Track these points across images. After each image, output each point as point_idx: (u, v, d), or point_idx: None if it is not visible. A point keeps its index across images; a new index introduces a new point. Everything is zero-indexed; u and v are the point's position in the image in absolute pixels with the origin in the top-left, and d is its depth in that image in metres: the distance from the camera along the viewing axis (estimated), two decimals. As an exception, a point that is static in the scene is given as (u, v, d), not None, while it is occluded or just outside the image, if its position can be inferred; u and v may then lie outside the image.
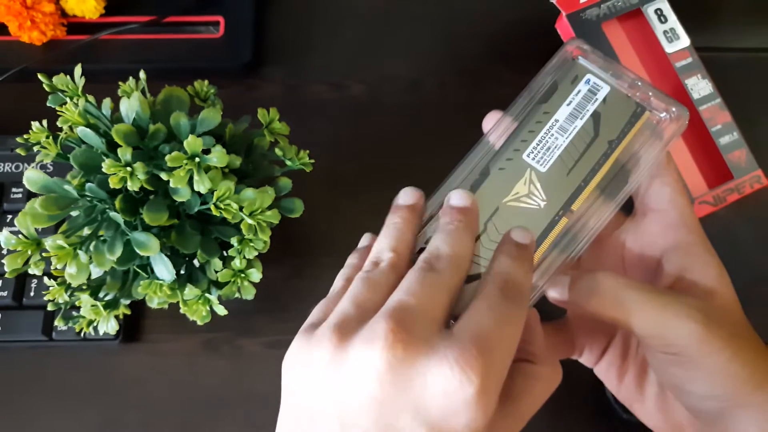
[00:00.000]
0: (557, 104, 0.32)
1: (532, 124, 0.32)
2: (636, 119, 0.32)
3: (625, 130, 0.31)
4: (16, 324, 0.41)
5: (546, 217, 0.30)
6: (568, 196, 0.31)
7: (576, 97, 0.32)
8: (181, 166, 0.31)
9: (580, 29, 0.44)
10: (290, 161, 0.37)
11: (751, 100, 0.48)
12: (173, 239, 0.32)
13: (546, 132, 0.31)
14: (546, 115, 0.32)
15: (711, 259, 0.30)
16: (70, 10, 0.48)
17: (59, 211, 0.32)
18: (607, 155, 0.31)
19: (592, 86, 0.32)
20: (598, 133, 0.31)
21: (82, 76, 0.34)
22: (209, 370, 0.42)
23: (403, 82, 0.50)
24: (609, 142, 0.31)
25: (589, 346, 0.35)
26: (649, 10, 0.45)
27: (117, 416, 0.41)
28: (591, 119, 0.31)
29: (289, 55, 0.50)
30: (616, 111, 0.32)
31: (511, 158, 0.31)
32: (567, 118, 0.31)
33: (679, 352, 0.28)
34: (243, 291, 0.34)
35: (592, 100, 0.32)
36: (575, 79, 0.32)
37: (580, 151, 0.31)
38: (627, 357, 0.34)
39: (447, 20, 0.52)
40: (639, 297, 0.28)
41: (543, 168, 0.31)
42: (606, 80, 0.32)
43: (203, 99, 0.37)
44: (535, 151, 0.31)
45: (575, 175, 0.31)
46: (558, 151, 0.31)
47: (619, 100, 0.32)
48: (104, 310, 0.33)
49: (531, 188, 0.31)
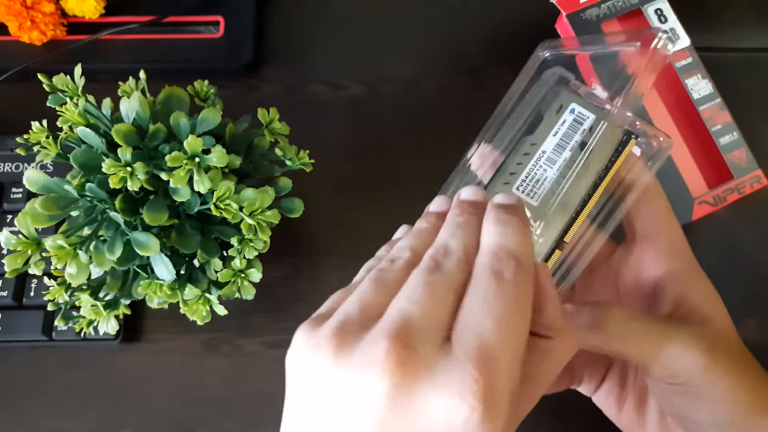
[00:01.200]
0: (543, 135, 0.31)
1: (519, 156, 0.31)
2: (623, 147, 0.31)
3: (613, 158, 0.31)
4: (16, 324, 0.41)
5: (540, 251, 0.30)
6: (561, 228, 0.31)
7: (562, 127, 0.31)
8: (181, 166, 0.31)
9: (580, 29, 0.44)
10: (290, 161, 0.37)
11: (751, 100, 0.48)
12: (173, 239, 0.32)
13: (534, 164, 0.31)
14: (533, 147, 0.31)
15: (705, 286, 0.30)
16: (70, 10, 0.48)
17: (59, 211, 0.32)
18: (596, 184, 0.31)
19: (578, 116, 0.32)
20: (587, 163, 0.31)
21: (82, 76, 0.34)
22: (209, 369, 0.42)
23: (403, 82, 0.50)
24: (597, 171, 0.31)
25: (588, 375, 0.35)
26: (649, 10, 0.45)
27: (117, 416, 0.41)
28: (579, 149, 0.31)
29: (289, 55, 0.50)
30: (603, 139, 0.31)
31: None
32: (554, 149, 0.31)
33: (685, 382, 0.28)
34: (243, 291, 0.34)
35: (578, 130, 0.31)
36: (560, 108, 0.32)
37: (569, 181, 0.31)
38: (626, 385, 0.34)
39: (447, 20, 0.52)
40: (643, 329, 0.28)
41: (534, 201, 0.31)
42: (590, 109, 0.32)
43: (203, 99, 0.37)
44: (525, 183, 0.31)
45: (567, 206, 0.31)
46: (548, 183, 0.31)
47: (605, 129, 0.31)
48: (104, 310, 0.33)
49: None
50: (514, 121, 0.32)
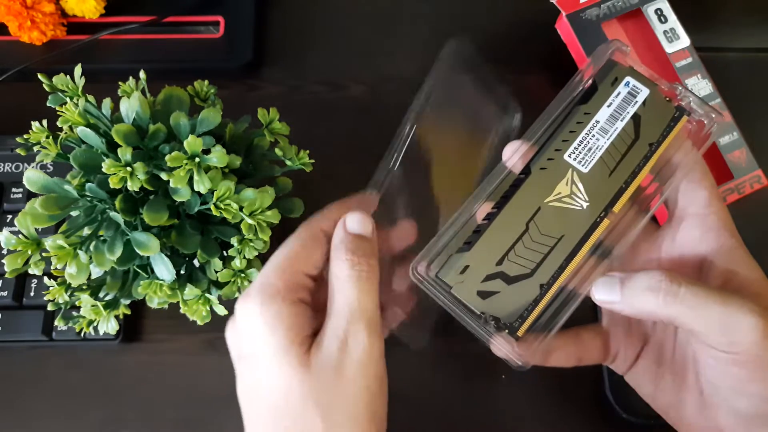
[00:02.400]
0: (597, 105, 0.32)
1: (572, 124, 0.32)
2: (675, 123, 0.32)
3: (665, 133, 0.31)
4: (16, 324, 0.41)
5: (589, 218, 0.31)
6: (610, 197, 0.31)
7: (616, 99, 0.32)
8: (181, 166, 0.31)
9: (580, 29, 0.44)
10: (290, 161, 0.37)
11: (751, 100, 0.48)
12: (173, 239, 0.32)
13: (587, 133, 0.31)
14: (586, 116, 0.32)
15: (753, 263, 0.31)
16: (70, 10, 0.48)
17: (59, 211, 0.32)
18: (647, 158, 0.31)
19: (632, 89, 0.32)
20: (639, 136, 0.31)
21: (82, 76, 0.34)
22: (209, 369, 0.42)
23: (403, 82, 0.50)
24: (649, 144, 0.31)
25: (623, 352, 0.35)
26: (649, 10, 0.45)
27: (117, 416, 0.41)
28: (631, 121, 0.31)
29: (289, 55, 0.50)
30: (655, 114, 0.32)
31: (552, 158, 0.31)
32: (608, 119, 0.31)
33: (742, 351, 0.28)
34: (243, 291, 0.34)
35: (632, 103, 0.32)
36: (615, 81, 0.32)
37: (621, 152, 0.31)
38: (662, 363, 0.34)
39: (447, 20, 0.52)
40: (700, 294, 0.28)
41: (585, 168, 0.31)
42: (645, 83, 0.32)
43: (203, 99, 0.37)
44: (577, 151, 0.31)
45: (617, 177, 0.31)
46: (599, 152, 0.31)
47: (658, 104, 0.32)
48: (104, 310, 0.33)
49: (573, 189, 0.31)
50: (568, 89, 0.33)
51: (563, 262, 0.30)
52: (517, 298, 0.30)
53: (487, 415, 0.42)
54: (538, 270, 0.30)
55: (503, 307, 0.30)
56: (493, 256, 0.30)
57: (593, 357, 0.35)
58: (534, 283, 0.30)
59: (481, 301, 0.30)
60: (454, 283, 0.30)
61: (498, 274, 0.30)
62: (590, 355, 0.35)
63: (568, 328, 0.35)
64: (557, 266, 0.30)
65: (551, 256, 0.30)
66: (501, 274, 0.30)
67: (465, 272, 0.30)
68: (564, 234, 0.31)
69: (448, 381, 0.42)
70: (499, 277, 0.30)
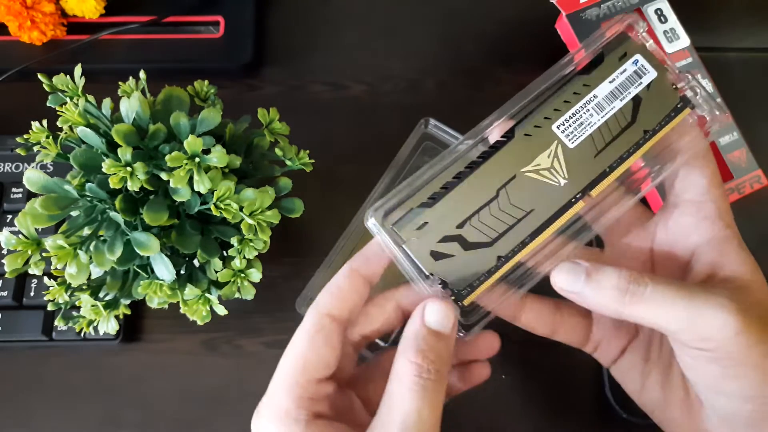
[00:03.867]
0: (599, 79, 0.30)
1: (568, 94, 0.30)
2: (676, 113, 0.30)
3: (663, 122, 0.30)
4: (16, 324, 0.41)
5: (564, 197, 0.29)
6: (590, 179, 0.29)
7: (620, 75, 0.30)
8: (181, 166, 0.31)
9: (580, 29, 0.44)
10: (290, 161, 0.37)
11: (751, 100, 0.48)
12: (173, 239, 0.32)
13: (582, 106, 0.29)
14: (585, 88, 0.30)
15: (746, 255, 0.29)
16: (70, 10, 0.48)
17: (59, 211, 0.32)
18: (639, 145, 0.29)
19: (639, 68, 0.30)
20: (635, 120, 0.29)
21: (82, 76, 0.34)
22: (209, 369, 0.42)
23: (403, 82, 0.50)
24: (644, 131, 0.29)
25: (607, 343, 0.34)
26: (649, 10, 0.45)
27: (117, 416, 0.41)
28: (631, 103, 0.29)
29: (289, 55, 0.50)
30: (658, 100, 0.30)
31: (539, 126, 0.29)
32: (607, 96, 0.29)
33: (715, 348, 0.27)
34: (243, 291, 0.34)
35: (636, 83, 0.30)
36: (624, 56, 0.30)
37: (612, 134, 0.29)
38: (649, 359, 0.33)
39: (447, 20, 0.52)
40: (667, 293, 0.27)
41: (571, 144, 0.29)
42: (655, 65, 0.30)
43: (203, 99, 0.37)
44: (567, 123, 0.29)
45: (603, 159, 0.29)
46: (590, 129, 0.29)
47: (663, 90, 0.30)
48: (104, 310, 0.33)
49: (554, 162, 0.29)
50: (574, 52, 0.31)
51: (527, 237, 0.29)
52: (470, 266, 0.28)
53: (487, 415, 0.42)
54: (498, 241, 0.29)
55: (455, 272, 0.28)
56: (455, 218, 0.29)
57: (570, 336, 0.34)
58: (492, 253, 0.28)
59: (433, 261, 0.28)
60: (408, 238, 0.28)
61: (456, 237, 0.28)
62: (566, 332, 0.34)
63: (548, 297, 0.34)
64: (519, 241, 0.29)
65: (515, 229, 0.29)
66: (459, 238, 0.28)
67: (422, 229, 0.29)
68: (534, 209, 0.29)
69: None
70: (456, 241, 0.28)
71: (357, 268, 0.29)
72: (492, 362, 0.34)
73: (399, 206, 0.29)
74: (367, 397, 0.31)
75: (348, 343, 0.31)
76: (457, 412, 0.42)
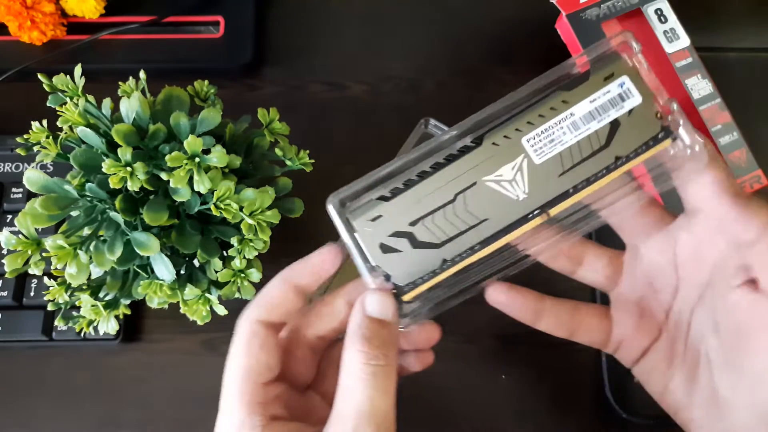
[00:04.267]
0: (579, 97, 0.29)
1: (544, 108, 0.29)
2: (654, 143, 0.29)
3: (639, 150, 0.29)
4: (16, 324, 0.41)
5: (519, 211, 0.29)
6: (549, 198, 0.29)
7: (602, 96, 0.29)
8: (181, 166, 0.31)
9: (580, 29, 0.44)
10: (290, 161, 0.37)
11: (751, 100, 0.48)
12: (173, 239, 0.32)
13: (556, 123, 0.29)
14: (563, 105, 0.29)
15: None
16: (70, 10, 0.48)
17: (59, 211, 0.32)
18: (609, 169, 0.29)
19: (625, 91, 0.29)
20: (609, 144, 0.28)
21: (82, 76, 0.34)
22: (209, 369, 0.42)
23: (403, 82, 0.50)
24: (616, 157, 0.28)
25: (628, 342, 0.34)
26: (649, 10, 0.45)
27: (116, 416, 0.41)
28: (608, 126, 0.28)
29: (289, 55, 0.50)
30: (637, 128, 0.29)
31: (509, 137, 0.29)
32: (584, 116, 0.29)
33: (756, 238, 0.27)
34: (243, 291, 0.34)
35: (617, 106, 0.29)
36: (610, 76, 0.29)
37: (582, 155, 0.29)
38: (674, 360, 0.32)
39: (447, 20, 0.52)
40: None
41: (538, 159, 0.28)
42: (642, 90, 0.29)
43: (203, 99, 0.37)
44: (537, 138, 0.29)
45: (566, 179, 0.29)
46: (560, 147, 0.28)
47: (644, 117, 0.29)
48: (104, 310, 0.33)
49: (517, 176, 0.29)
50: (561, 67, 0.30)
51: (477, 245, 0.29)
52: (416, 264, 0.29)
53: (487, 415, 0.42)
54: (447, 244, 0.29)
55: (400, 267, 0.29)
56: (410, 215, 0.29)
57: (589, 337, 0.34)
58: (438, 255, 0.29)
59: (381, 254, 0.29)
60: (360, 228, 0.29)
61: (407, 234, 0.29)
62: (586, 332, 0.34)
63: (567, 299, 0.34)
64: (468, 247, 0.29)
65: (466, 236, 0.29)
66: (409, 235, 0.29)
67: (375, 221, 0.29)
68: (488, 218, 0.29)
69: (447, 381, 0.42)
70: (406, 237, 0.29)
71: (287, 277, 0.30)
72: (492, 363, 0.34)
73: (360, 196, 0.29)
74: (326, 392, 0.32)
75: (305, 345, 0.32)
76: (456, 412, 0.42)
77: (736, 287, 0.29)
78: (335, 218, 0.29)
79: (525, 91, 0.29)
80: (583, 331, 0.34)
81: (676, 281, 0.32)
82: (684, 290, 0.32)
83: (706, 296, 0.31)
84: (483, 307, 0.32)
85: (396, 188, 0.29)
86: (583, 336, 0.34)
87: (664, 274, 0.32)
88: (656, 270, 0.33)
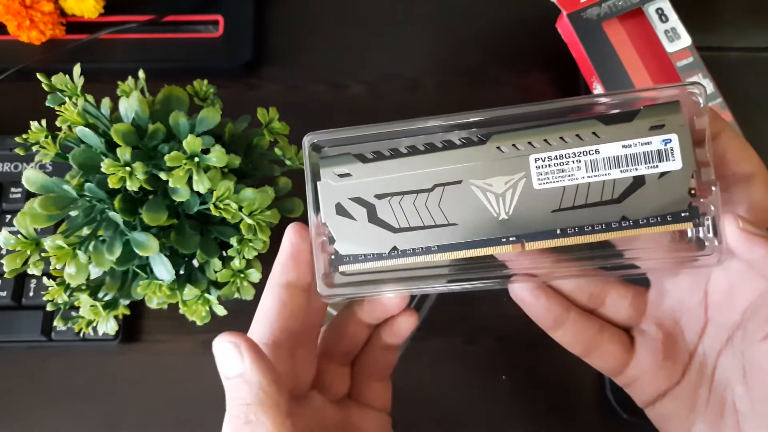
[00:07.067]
0: (614, 136, 0.25)
1: (569, 132, 0.25)
2: (675, 221, 0.25)
3: (652, 221, 0.25)
4: (15, 324, 0.41)
5: (492, 231, 0.26)
6: (532, 230, 0.26)
7: (640, 147, 0.25)
8: (181, 165, 0.31)
9: (580, 28, 0.44)
10: (290, 161, 0.37)
11: (751, 99, 0.48)
12: (172, 239, 0.32)
13: (574, 154, 0.25)
14: (592, 137, 0.25)
15: None
16: (69, 9, 0.48)
17: (58, 211, 0.32)
18: (608, 228, 0.25)
19: (666, 149, 0.25)
20: (622, 200, 0.25)
21: (81, 75, 0.34)
22: (208, 370, 0.42)
23: (403, 82, 0.50)
24: (623, 217, 0.25)
25: (643, 381, 0.31)
26: (650, 9, 0.45)
27: (116, 416, 0.41)
28: (631, 180, 0.25)
29: (289, 54, 0.50)
30: (662, 195, 0.25)
31: (518, 147, 0.25)
32: (610, 158, 0.25)
33: None
34: (242, 291, 0.34)
35: (650, 163, 0.25)
36: (658, 127, 0.25)
37: (586, 201, 0.25)
38: (695, 407, 0.30)
39: (447, 20, 0.52)
40: None
41: (538, 185, 0.25)
42: (685, 156, 0.25)
43: (202, 98, 0.37)
44: (547, 162, 0.25)
45: (558, 219, 0.25)
46: (567, 182, 0.25)
47: (676, 187, 0.25)
48: (103, 311, 0.33)
49: (507, 192, 0.26)
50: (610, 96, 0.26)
51: (434, 247, 0.26)
52: (365, 239, 0.26)
53: (487, 415, 0.42)
54: (403, 233, 0.26)
55: (347, 235, 0.26)
56: (379, 187, 0.26)
57: (603, 363, 0.31)
58: (389, 240, 0.26)
59: (334, 213, 0.26)
60: (324, 179, 0.27)
61: (368, 204, 0.26)
62: (601, 357, 0.31)
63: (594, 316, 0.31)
64: (423, 246, 0.26)
65: (426, 233, 0.26)
66: (370, 207, 0.26)
67: (343, 178, 0.26)
68: (457, 224, 0.26)
69: (448, 381, 0.42)
70: (366, 208, 0.26)
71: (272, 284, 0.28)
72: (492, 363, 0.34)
73: (341, 145, 0.27)
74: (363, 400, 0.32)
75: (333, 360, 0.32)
76: (457, 411, 0.42)
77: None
78: (305, 158, 0.27)
79: (559, 104, 0.26)
80: (599, 356, 0.31)
81: (705, 322, 0.30)
82: (712, 331, 0.30)
83: (735, 339, 0.29)
84: (483, 308, 0.32)
85: (379, 153, 0.27)
86: (597, 360, 0.31)
87: (692, 313, 0.30)
88: (684, 309, 0.30)
